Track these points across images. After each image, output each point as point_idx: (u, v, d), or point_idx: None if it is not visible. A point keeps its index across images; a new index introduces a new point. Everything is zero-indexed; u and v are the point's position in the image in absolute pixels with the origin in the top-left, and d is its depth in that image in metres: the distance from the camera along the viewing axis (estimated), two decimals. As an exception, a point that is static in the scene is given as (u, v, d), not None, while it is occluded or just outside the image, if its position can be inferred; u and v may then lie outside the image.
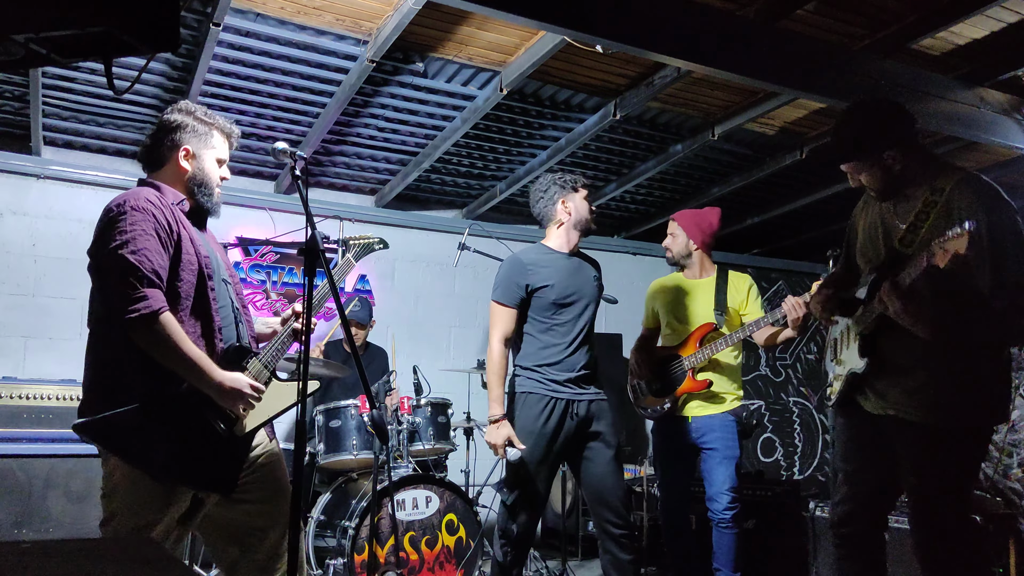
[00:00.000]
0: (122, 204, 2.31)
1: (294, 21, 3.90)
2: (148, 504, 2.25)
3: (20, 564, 1.15)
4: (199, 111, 2.55)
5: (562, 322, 3.42)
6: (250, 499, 2.46)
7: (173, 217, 2.38)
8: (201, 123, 2.54)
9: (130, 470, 2.25)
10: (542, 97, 4.73)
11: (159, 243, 2.29)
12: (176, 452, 2.26)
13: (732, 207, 6.66)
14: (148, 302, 2.20)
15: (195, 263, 2.39)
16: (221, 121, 2.60)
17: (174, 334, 2.24)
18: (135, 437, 2.23)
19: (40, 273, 5.16)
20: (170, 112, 2.54)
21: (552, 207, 3.60)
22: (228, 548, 2.47)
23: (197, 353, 2.29)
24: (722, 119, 4.93)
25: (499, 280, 3.48)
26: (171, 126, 2.51)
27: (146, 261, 2.24)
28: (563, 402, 3.33)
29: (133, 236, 2.25)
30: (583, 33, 3.38)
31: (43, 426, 4.03)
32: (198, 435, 2.31)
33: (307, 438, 4.27)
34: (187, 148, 2.50)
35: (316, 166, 5.68)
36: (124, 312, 2.19)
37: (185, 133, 2.51)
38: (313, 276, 2.31)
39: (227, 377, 2.33)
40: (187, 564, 2.81)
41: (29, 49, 1.66)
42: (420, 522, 4.11)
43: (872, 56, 3.95)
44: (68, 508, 3.98)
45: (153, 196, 2.38)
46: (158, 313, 2.22)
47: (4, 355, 4.97)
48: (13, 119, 4.91)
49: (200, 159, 2.52)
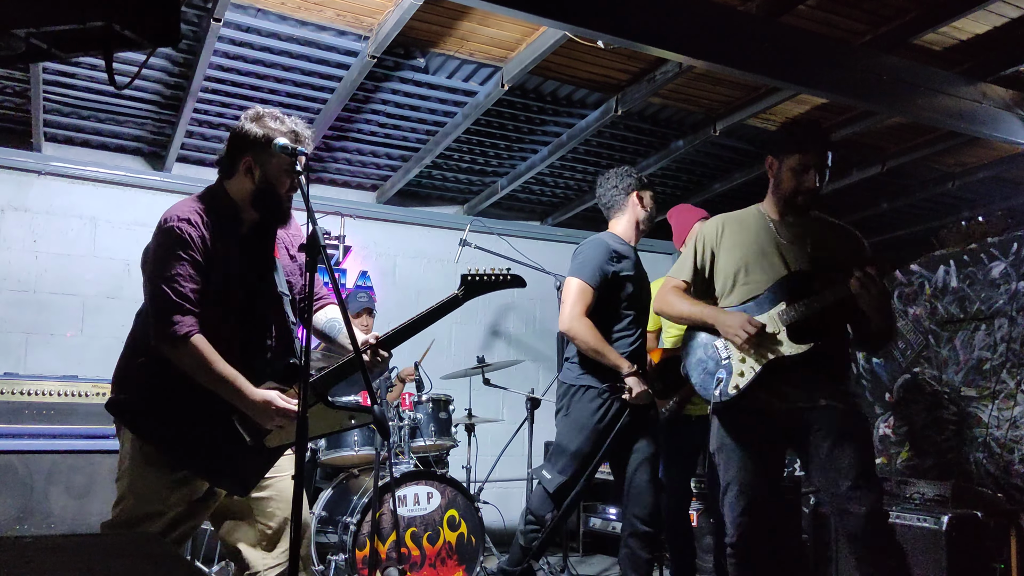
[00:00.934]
0: (168, 221, 2.34)
1: (295, 17, 3.89)
2: (152, 496, 2.31)
3: (22, 559, 1.15)
4: (268, 116, 2.45)
5: (632, 317, 3.47)
6: (262, 494, 2.49)
7: (209, 235, 2.37)
8: (265, 128, 2.42)
9: (139, 460, 2.31)
10: (543, 93, 4.72)
11: (190, 266, 2.32)
12: (200, 448, 2.34)
13: (733, 203, 6.62)
14: (176, 327, 2.27)
15: (221, 284, 2.38)
16: (289, 124, 2.46)
17: (205, 354, 2.29)
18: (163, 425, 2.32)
19: (41, 269, 5.15)
20: (242, 119, 2.48)
21: (624, 197, 3.63)
22: (235, 529, 2.50)
23: (229, 372, 2.32)
24: (724, 115, 4.92)
25: (585, 260, 3.46)
26: (237, 135, 2.46)
27: (178, 287, 2.29)
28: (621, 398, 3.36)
29: (169, 262, 2.30)
30: (584, 28, 3.37)
31: (44, 422, 4.03)
32: (223, 441, 2.37)
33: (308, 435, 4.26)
34: (248, 159, 2.44)
35: (317, 162, 5.67)
36: (156, 336, 2.29)
37: (247, 143, 2.43)
38: (315, 272, 2.31)
39: (257, 396, 2.35)
40: (189, 560, 2.81)
41: (30, 44, 1.66)
42: (422, 518, 4.11)
43: (874, 51, 3.93)
44: (70, 504, 3.99)
45: (195, 211, 2.37)
46: (186, 337, 2.27)
47: (5, 351, 4.97)
48: (14, 115, 4.91)
49: (263, 170, 2.44)
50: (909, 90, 3.97)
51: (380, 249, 6.27)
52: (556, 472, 3.35)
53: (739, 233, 3.08)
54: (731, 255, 3.06)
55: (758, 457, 2.92)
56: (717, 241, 3.11)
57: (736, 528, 2.89)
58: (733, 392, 2.92)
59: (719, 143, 5.40)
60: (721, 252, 3.10)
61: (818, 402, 2.87)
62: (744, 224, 3.10)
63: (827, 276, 2.87)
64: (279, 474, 2.52)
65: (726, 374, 2.95)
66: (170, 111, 4.84)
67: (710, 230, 3.15)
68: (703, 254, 3.13)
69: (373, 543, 3.83)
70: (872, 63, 3.88)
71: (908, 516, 3.91)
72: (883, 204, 6.38)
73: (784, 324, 2.88)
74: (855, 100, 4.03)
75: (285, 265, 2.60)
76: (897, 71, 3.95)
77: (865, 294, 2.76)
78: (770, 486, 2.94)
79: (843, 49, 3.89)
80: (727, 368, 2.96)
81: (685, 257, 3.19)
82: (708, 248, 3.12)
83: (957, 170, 5.80)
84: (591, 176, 6.08)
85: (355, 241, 6.09)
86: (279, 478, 2.52)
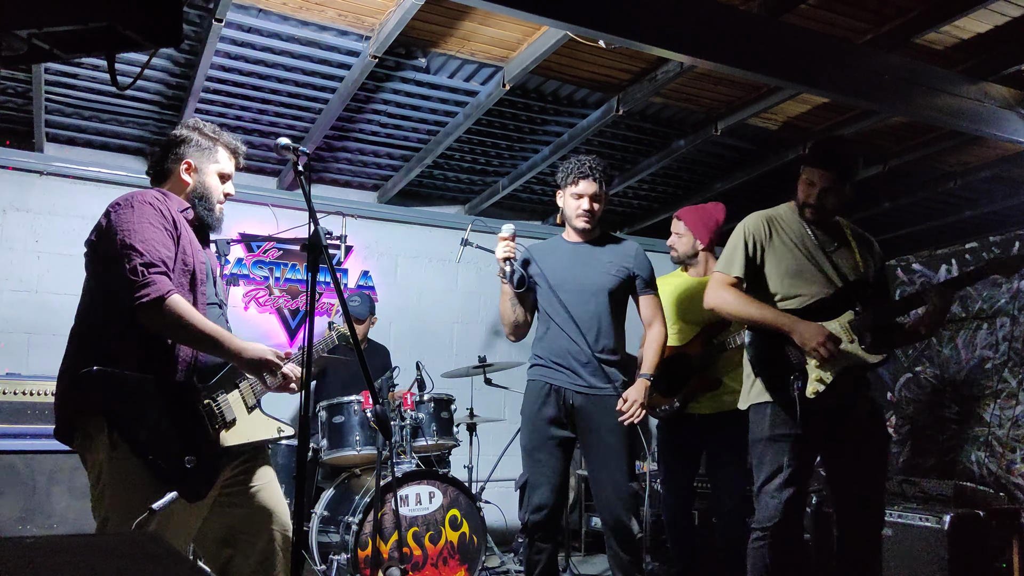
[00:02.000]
0: (128, 199, 2.36)
1: (296, 17, 3.89)
2: (139, 503, 2.21)
3: (25, 559, 1.15)
4: (206, 127, 2.59)
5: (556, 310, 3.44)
6: (240, 502, 2.48)
7: (177, 218, 2.42)
8: (206, 138, 2.56)
9: (113, 471, 2.25)
10: (545, 92, 4.72)
11: (165, 234, 2.33)
12: (164, 435, 2.27)
13: (735, 203, 6.62)
14: (156, 287, 2.25)
15: (190, 265, 2.41)
16: (227, 137, 2.61)
17: (185, 313, 2.28)
18: (132, 403, 2.25)
19: (43, 269, 5.16)
20: (178, 128, 2.58)
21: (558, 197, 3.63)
22: (221, 550, 2.48)
23: (212, 327, 2.32)
24: (725, 114, 4.92)
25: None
26: (176, 140, 2.55)
27: (152, 250, 2.28)
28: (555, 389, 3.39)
29: (141, 226, 2.30)
30: (586, 28, 3.36)
31: (47, 422, 4.03)
32: (188, 428, 2.33)
33: (310, 434, 4.27)
34: (189, 161, 2.53)
35: (319, 162, 5.68)
36: (132, 300, 2.23)
37: (189, 147, 2.54)
38: (316, 272, 2.32)
39: (248, 345, 2.38)
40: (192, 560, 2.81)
41: (32, 44, 1.66)
42: (423, 518, 4.12)
43: (876, 50, 3.93)
44: (72, 504, 3.99)
45: (156, 197, 2.42)
46: (165, 297, 2.25)
47: (8, 351, 4.98)
48: (16, 115, 4.91)
49: (202, 173, 2.55)
50: (911, 89, 3.97)
51: (381, 249, 6.27)
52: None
53: (785, 234, 3.18)
54: (781, 256, 3.14)
55: (807, 452, 3.03)
56: (766, 239, 3.18)
57: (777, 512, 2.97)
58: (812, 396, 2.99)
59: (720, 142, 5.40)
60: (770, 251, 3.16)
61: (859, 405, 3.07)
62: (788, 225, 3.20)
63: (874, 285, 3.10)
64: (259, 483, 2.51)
65: (803, 377, 3.02)
66: (172, 111, 4.85)
67: (757, 227, 3.20)
68: (753, 249, 3.18)
69: (375, 543, 3.83)
70: (874, 62, 3.88)
71: (910, 515, 3.91)
72: (884, 203, 6.37)
73: (856, 333, 3.00)
74: (857, 99, 4.03)
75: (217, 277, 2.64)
76: (899, 70, 3.94)
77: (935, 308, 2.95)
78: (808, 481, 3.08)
79: (845, 48, 3.88)
80: (803, 371, 3.04)
81: (734, 252, 3.20)
82: (758, 244, 3.18)
83: (959, 169, 5.79)
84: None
85: (356, 241, 6.09)
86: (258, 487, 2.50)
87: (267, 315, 5.81)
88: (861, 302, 3.04)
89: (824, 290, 3.07)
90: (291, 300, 5.89)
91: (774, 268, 3.15)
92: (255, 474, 2.52)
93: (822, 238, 3.17)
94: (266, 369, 2.41)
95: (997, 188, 6.01)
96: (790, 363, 3.06)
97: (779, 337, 3.06)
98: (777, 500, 2.98)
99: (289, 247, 5.86)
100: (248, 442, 2.48)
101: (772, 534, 2.98)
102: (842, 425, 3.04)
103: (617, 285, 3.44)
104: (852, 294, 3.06)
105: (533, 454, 3.39)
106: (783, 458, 2.99)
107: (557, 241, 3.64)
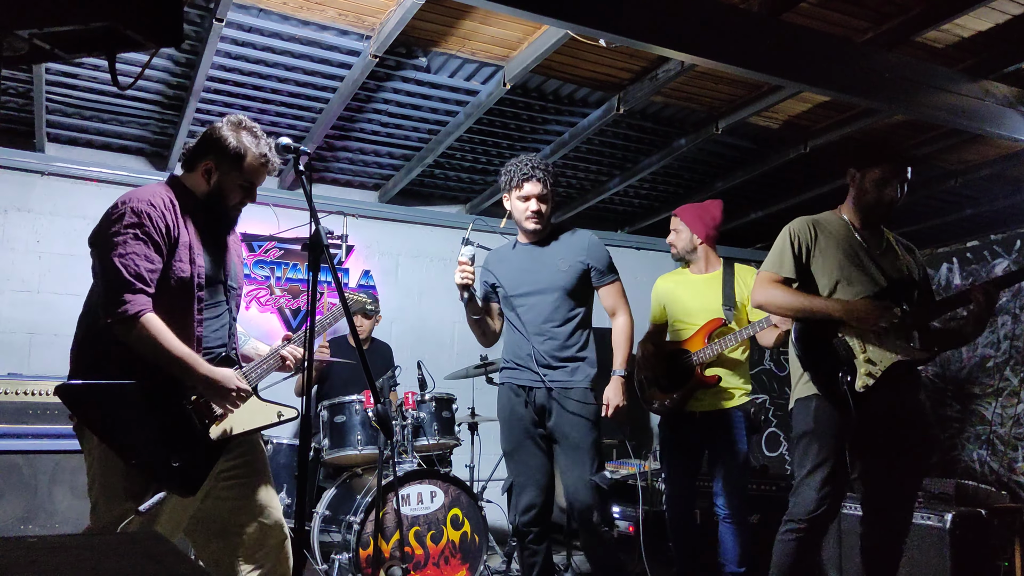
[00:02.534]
0: (126, 203, 2.35)
1: (297, 16, 3.89)
2: (121, 493, 2.27)
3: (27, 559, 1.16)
4: (243, 134, 2.48)
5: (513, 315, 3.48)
6: (232, 495, 2.49)
7: (177, 221, 2.38)
8: (239, 142, 2.47)
9: (102, 460, 2.28)
10: (545, 92, 4.72)
11: (150, 247, 2.31)
12: (148, 439, 2.28)
13: (736, 201, 6.64)
14: (127, 306, 2.25)
15: (187, 272, 2.39)
16: (260, 147, 2.49)
17: (157, 333, 2.27)
18: (112, 412, 2.25)
19: (44, 269, 5.17)
20: (221, 122, 2.50)
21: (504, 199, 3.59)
22: (211, 543, 2.50)
23: (182, 349, 2.31)
24: (726, 113, 4.92)
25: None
26: (208, 138, 2.49)
27: (131, 265, 2.28)
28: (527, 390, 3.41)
29: (124, 240, 2.29)
30: (586, 27, 3.37)
31: (48, 422, 4.04)
32: (171, 427, 2.33)
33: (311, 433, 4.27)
34: (210, 163, 2.48)
35: (319, 162, 5.68)
36: (107, 315, 2.26)
37: (214, 149, 2.47)
38: (317, 271, 2.32)
39: (215, 372, 2.37)
40: (193, 558, 2.81)
41: (33, 45, 1.66)
42: (425, 517, 4.12)
43: (876, 49, 3.93)
44: (74, 504, 4.00)
45: (160, 197, 2.39)
46: (137, 316, 2.25)
47: (9, 351, 4.98)
48: (17, 116, 4.92)
49: (221, 176, 2.48)
50: (911, 87, 3.96)
51: (383, 248, 6.28)
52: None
53: (831, 237, 3.18)
54: (828, 258, 3.15)
55: (851, 448, 3.02)
56: (812, 241, 3.19)
57: (815, 505, 2.99)
58: (861, 390, 3.00)
59: (721, 141, 5.40)
60: (817, 252, 3.17)
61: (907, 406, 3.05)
62: (833, 229, 3.20)
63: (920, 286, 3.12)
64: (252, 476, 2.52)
65: (851, 371, 3.03)
66: (173, 111, 4.85)
67: (803, 229, 3.21)
68: (801, 251, 3.18)
69: (377, 542, 3.84)
70: (874, 60, 3.88)
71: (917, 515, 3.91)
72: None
73: (905, 331, 3.02)
74: (857, 98, 4.02)
75: (236, 262, 2.64)
76: (899, 68, 3.94)
77: (980, 307, 2.94)
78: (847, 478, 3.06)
79: (845, 46, 3.88)
80: (852, 365, 3.04)
81: (782, 253, 3.19)
82: (805, 246, 3.19)
83: (959, 167, 5.79)
84: (593, 175, 6.08)
85: (358, 240, 6.10)
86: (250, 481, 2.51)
87: (268, 314, 5.81)
88: (908, 301, 3.04)
89: (870, 289, 3.07)
90: (292, 300, 5.89)
91: (820, 269, 3.15)
92: (248, 468, 2.53)
93: (869, 241, 3.19)
94: (227, 399, 2.39)
95: (998, 186, 6.00)
96: (839, 357, 3.06)
97: (827, 331, 3.07)
98: (817, 494, 2.99)
99: (290, 247, 5.86)
100: (246, 430, 2.48)
101: (808, 527, 3.00)
102: (888, 427, 3.04)
103: (572, 282, 3.41)
104: (898, 293, 3.06)
105: (514, 456, 3.42)
106: (826, 452, 3.00)
107: (511, 245, 3.65)
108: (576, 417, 3.30)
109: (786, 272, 3.17)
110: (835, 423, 3.00)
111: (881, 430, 3.05)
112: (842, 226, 3.21)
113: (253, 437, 2.56)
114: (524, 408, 3.39)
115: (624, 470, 5.34)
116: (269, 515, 2.52)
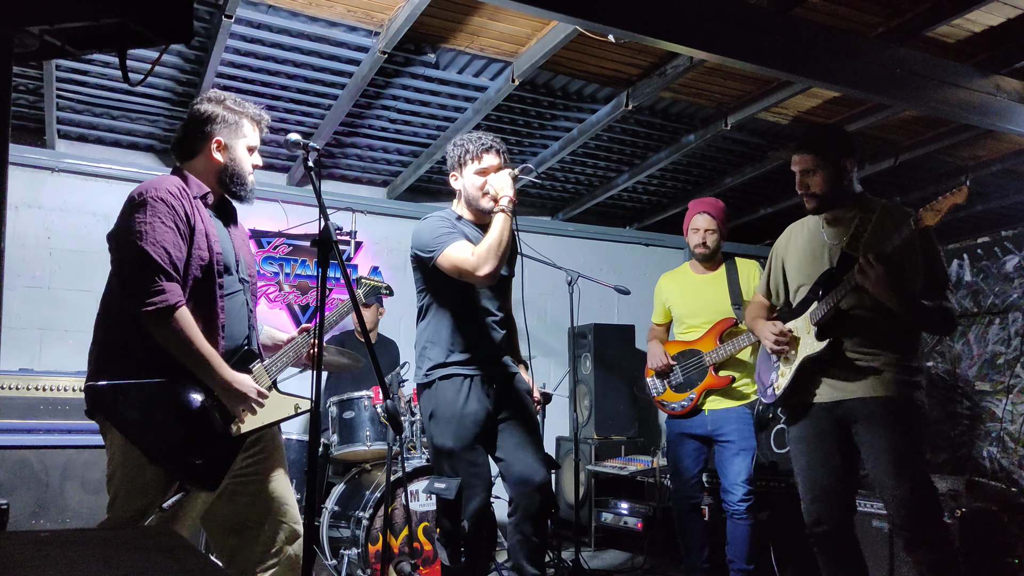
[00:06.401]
0: (144, 193, 2.33)
1: (306, 13, 3.90)
2: (143, 489, 2.27)
3: (40, 553, 1.16)
4: (229, 99, 2.54)
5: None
6: (249, 491, 2.50)
7: (192, 210, 2.39)
8: (231, 112, 2.52)
9: (125, 453, 2.28)
10: (554, 88, 4.71)
11: (178, 235, 2.30)
12: (172, 437, 2.28)
13: (745, 197, 6.63)
14: (165, 296, 2.23)
15: (206, 258, 2.39)
16: (252, 108, 2.58)
17: (188, 329, 2.26)
18: (137, 412, 2.25)
19: (55, 266, 5.19)
20: (200, 102, 2.53)
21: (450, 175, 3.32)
22: (227, 538, 2.51)
23: (209, 350, 2.31)
24: (735, 109, 4.90)
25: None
26: (202, 117, 2.50)
27: (164, 254, 2.26)
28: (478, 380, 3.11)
29: (153, 227, 2.26)
30: (595, 23, 3.36)
31: (60, 417, 4.06)
32: (194, 426, 2.33)
33: (321, 429, 4.28)
34: (219, 140, 2.50)
35: (328, 158, 5.69)
36: (141, 305, 2.22)
37: (216, 124, 2.49)
38: (326, 267, 2.32)
39: (236, 378, 2.36)
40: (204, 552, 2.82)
41: (44, 41, 1.67)
42: (434, 513, 4.12)
43: (887, 44, 3.91)
44: (85, 499, 4.02)
45: (175, 186, 2.39)
46: (175, 308, 2.24)
47: (20, 347, 5.01)
48: (27, 112, 4.93)
49: (232, 150, 2.52)
50: (922, 83, 3.94)
51: (391, 244, 6.28)
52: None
53: (799, 236, 3.15)
54: (792, 261, 3.14)
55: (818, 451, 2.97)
56: (785, 250, 3.18)
57: (806, 516, 3.00)
58: (776, 394, 3.05)
59: (730, 137, 5.39)
60: (787, 259, 3.16)
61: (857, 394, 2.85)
62: (806, 227, 3.15)
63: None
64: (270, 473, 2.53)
65: (775, 377, 3.09)
66: (182, 108, 4.86)
67: (780, 240, 3.23)
68: (775, 266, 3.21)
69: (386, 538, 3.85)
70: (885, 56, 3.86)
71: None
72: (896, 198, 6.34)
73: (814, 324, 2.91)
74: (868, 93, 4.01)
75: (245, 254, 2.63)
76: (910, 64, 3.92)
77: (867, 281, 2.74)
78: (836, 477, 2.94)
79: (855, 42, 3.86)
80: (776, 371, 3.09)
81: (763, 272, 3.30)
82: (778, 259, 3.20)
83: (971, 163, 5.76)
84: (602, 171, 6.06)
85: (366, 236, 6.10)
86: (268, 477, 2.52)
87: (277, 310, 5.82)
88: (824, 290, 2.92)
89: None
90: (301, 296, 5.90)
91: (791, 275, 3.14)
92: (267, 464, 2.53)
93: (828, 231, 3.02)
94: (245, 405, 2.40)
95: (1009, 182, 5.97)
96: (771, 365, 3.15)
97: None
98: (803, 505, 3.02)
99: (299, 243, 5.87)
100: (265, 424, 2.48)
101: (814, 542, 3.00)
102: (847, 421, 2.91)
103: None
104: (825, 285, 2.93)
105: (464, 456, 3.05)
106: (797, 463, 3.05)
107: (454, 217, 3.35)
108: (526, 394, 3.19)
109: (760, 291, 3.30)
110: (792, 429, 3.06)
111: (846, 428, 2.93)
112: (816, 223, 3.10)
113: (272, 430, 2.57)
114: (486, 400, 3.05)
115: (632, 466, 5.34)
116: (285, 512, 2.52)
